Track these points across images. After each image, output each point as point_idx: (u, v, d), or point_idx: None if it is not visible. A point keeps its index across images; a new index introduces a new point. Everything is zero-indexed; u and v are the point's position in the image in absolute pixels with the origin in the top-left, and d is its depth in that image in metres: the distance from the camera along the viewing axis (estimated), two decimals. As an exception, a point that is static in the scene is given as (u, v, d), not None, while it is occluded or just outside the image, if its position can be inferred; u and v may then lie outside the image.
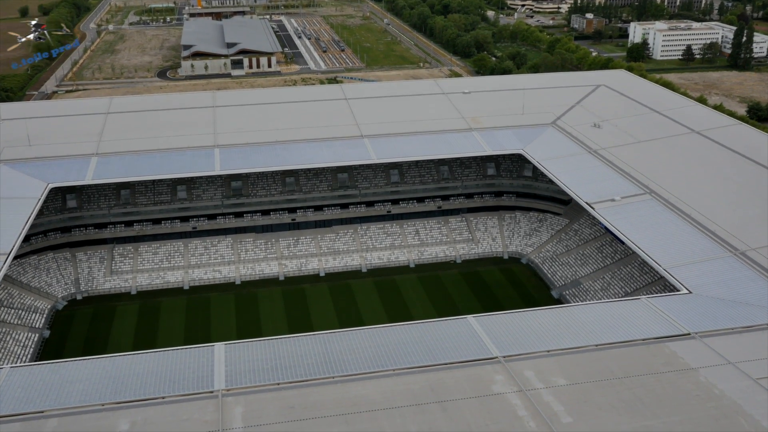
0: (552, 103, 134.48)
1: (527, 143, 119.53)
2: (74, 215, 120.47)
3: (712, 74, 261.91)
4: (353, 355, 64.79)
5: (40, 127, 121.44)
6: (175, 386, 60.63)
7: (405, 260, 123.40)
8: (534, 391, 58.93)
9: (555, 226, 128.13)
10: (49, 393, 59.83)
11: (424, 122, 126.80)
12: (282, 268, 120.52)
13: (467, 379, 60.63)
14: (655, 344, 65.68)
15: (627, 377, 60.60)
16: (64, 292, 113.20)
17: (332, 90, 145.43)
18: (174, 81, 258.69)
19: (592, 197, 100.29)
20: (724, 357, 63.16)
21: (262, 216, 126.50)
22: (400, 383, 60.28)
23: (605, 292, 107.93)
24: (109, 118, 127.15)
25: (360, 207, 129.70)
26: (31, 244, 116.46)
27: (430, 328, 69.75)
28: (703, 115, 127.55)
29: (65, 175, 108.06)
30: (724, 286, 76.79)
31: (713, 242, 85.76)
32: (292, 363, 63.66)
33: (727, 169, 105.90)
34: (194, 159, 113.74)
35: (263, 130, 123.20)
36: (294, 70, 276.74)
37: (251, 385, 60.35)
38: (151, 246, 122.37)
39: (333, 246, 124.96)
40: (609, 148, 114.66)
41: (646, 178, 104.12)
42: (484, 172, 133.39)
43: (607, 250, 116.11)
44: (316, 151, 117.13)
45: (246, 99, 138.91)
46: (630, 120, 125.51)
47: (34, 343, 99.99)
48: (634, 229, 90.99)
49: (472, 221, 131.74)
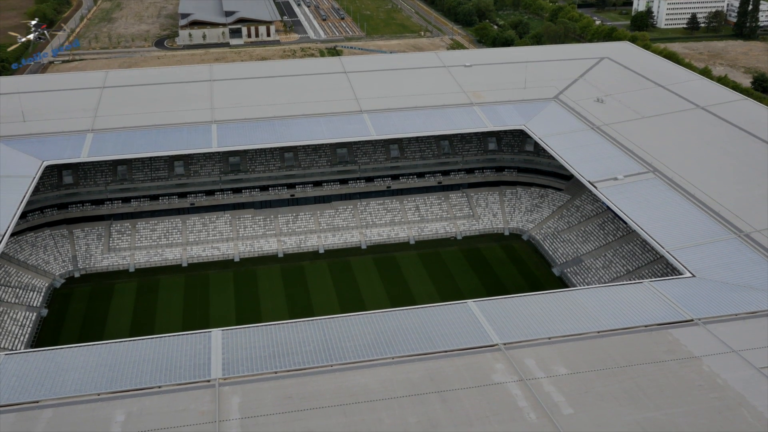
0: (555, 76, 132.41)
1: (529, 119, 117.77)
2: (71, 191, 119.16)
3: (717, 44, 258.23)
4: (352, 341, 64.03)
5: (35, 102, 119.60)
6: (171, 375, 59.96)
7: (405, 237, 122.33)
8: (535, 380, 58.16)
9: (556, 201, 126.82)
10: (44, 382, 59.13)
11: (424, 97, 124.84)
12: (281, 245, 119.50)
13: (467, 367, 59.87)
14: (657, 331, 64.84)
15: (629, 366, 59.80)
16: (62, 269, 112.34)
17: (331, 63, 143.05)
18: (172, 51, 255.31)
19: (594, 176, 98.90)
20: (728, 345, 62.35)
21: (261, 192, 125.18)
22: (399, 372, 59.55)
23: (607, 270, 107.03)
24: (105, 93, 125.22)
25: (360, 182, 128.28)
26: (27, 221, 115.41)
27: (430, 313, 68.84)
28: (708, 90, 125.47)
29: (60, 152, 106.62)
30: (728, 270, 75.75)
31: (717, 223, 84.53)
32: (290, 350, 62.93)
33: (731, 147, 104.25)
34: (191, 135, 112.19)
35: (261, 105, 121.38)
36: (293, 39, 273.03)
37: (248, 374, 59.62)
38: (149, 222, 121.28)
39: (332, 222, 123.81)
40: (612, 124, 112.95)
41: (649, 155, 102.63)
42: (485, 146, 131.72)
43: (608, 227, 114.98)
44: (315, 126, 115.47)
45: (243, 72, 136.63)
46: (634, 95, 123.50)
47: (32, 322, 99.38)
48: (637, 210, 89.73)
49: (472, 197, 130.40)
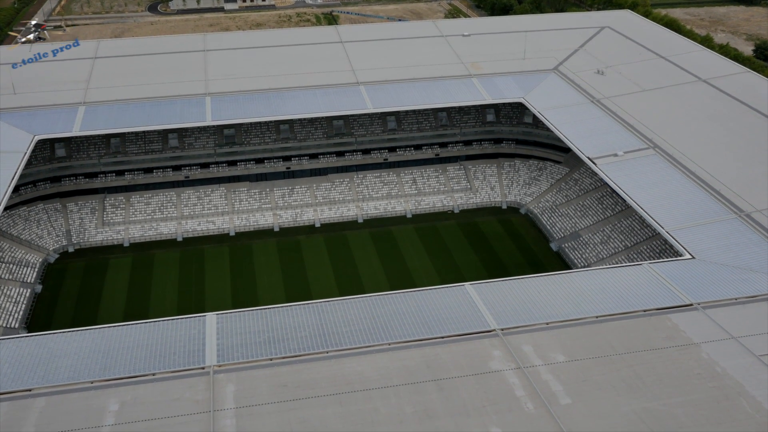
0: (554, 46, 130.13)
1: (528, 91, 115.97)
2: (64, 165, 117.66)
3: (718, 9, 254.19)
4: (348, 326, 63.36)
5: (25, 73, 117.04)
6: (165, 361, 59.33)
7: (402, 210, 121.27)
8: (532, 368, 57.65)
9: (555, 174, 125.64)
10: (36, 369, 58.44)
11: (422, 68, 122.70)
12: (277, 218, 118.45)
13: (464, 354, 59.31)
14: (656, 316, 64.23)
15: (627, 353, 59.27)
16: (56, 244, 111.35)
17: (327, 32, 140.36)
18: (165, 16, 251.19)
19: (594, 152, 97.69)
20: (727, 331, 61.78)
21: (256, 164, 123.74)
22: (395, 359, 59.00)
23: (605, 246, 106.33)
24: (97, 63, 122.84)
25: (356, 155, 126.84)
26: (20, 194, 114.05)
27: (427, 297, 68.13)
28: (710, 62, 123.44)
29: (52, 126, 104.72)
30: (728, 251, 74.94)
31: (718, 203, 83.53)
32: (285, 335, 62.28)
33: (732, 123, 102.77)
34: (185, 108, 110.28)
35: (256, 76, 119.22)
36: (289, 4, 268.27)
37: (243, 360, 59.02)
38: (143, 196, 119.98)
39: (329, 195, 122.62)
40: (612, 98, 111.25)
41: (650, 131, 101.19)
42: (484, 118, 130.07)
43: (607, 201, 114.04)
44: (311, 99, 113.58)
45: (237, 42, 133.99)
46: (635, 66, 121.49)
47: (26, 299, 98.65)
48: (637, 188, 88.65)
49: (470, 169, 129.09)
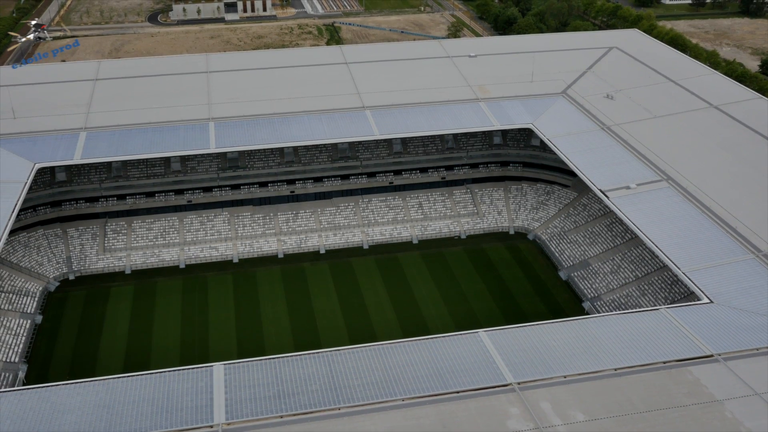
0: (562, 68, 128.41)
1: (537, 116, 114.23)
2: (64, 189, 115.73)
3: (723, 21, 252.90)
4: (360, 378, 61.54)
5: (25, 95, 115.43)
6: (172, 418, 57.45)
7: (408, 236, 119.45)
8: (551, 429, 55.83)
9: (563, 199, 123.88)
10: (38, 426, 56.58)
11: (428, 91, 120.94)
12: (281, 244, 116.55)
13: (480, 412, 57.48)
14: (677, 368, 62.45)
15: (648, 411, 57.48)
16: (56, 272, 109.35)
17: (332, 53, 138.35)
18: (166, 27, 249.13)
19: (606, 183, 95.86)
20: (750, 386, 60.00)
21: (260, 188, 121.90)
22: (410, 417, 57.15)
23: (615, 275, 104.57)
24: (98, 86, 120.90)
25: (361, 178, 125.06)
26: (20, 219, 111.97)
27: (440, 345, 66.23)
28: (721, 87, 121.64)
29: (53, 153, 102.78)
30: (747, 295, 73.17)
31: (734, 241, 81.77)
32: (295, 389, 60.44)
33: (746, 152, 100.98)
34: (188, 134, 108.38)
35: (260, 100, 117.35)
36: (290, 14, 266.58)
37: (253, 418, 57.15)
38: (145, 221, 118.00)
39: (333, 221, 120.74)
40: (623, 124, 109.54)
41: (662, 161, 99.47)
42: (491, 141, 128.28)
43: (616, 228, 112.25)
44: (316, 124, 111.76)
45: (241, 63, 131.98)
46: (644, 90, 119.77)
47: (26, 330, 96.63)
48: (651, 223, 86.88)
49: (477, 193, 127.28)
